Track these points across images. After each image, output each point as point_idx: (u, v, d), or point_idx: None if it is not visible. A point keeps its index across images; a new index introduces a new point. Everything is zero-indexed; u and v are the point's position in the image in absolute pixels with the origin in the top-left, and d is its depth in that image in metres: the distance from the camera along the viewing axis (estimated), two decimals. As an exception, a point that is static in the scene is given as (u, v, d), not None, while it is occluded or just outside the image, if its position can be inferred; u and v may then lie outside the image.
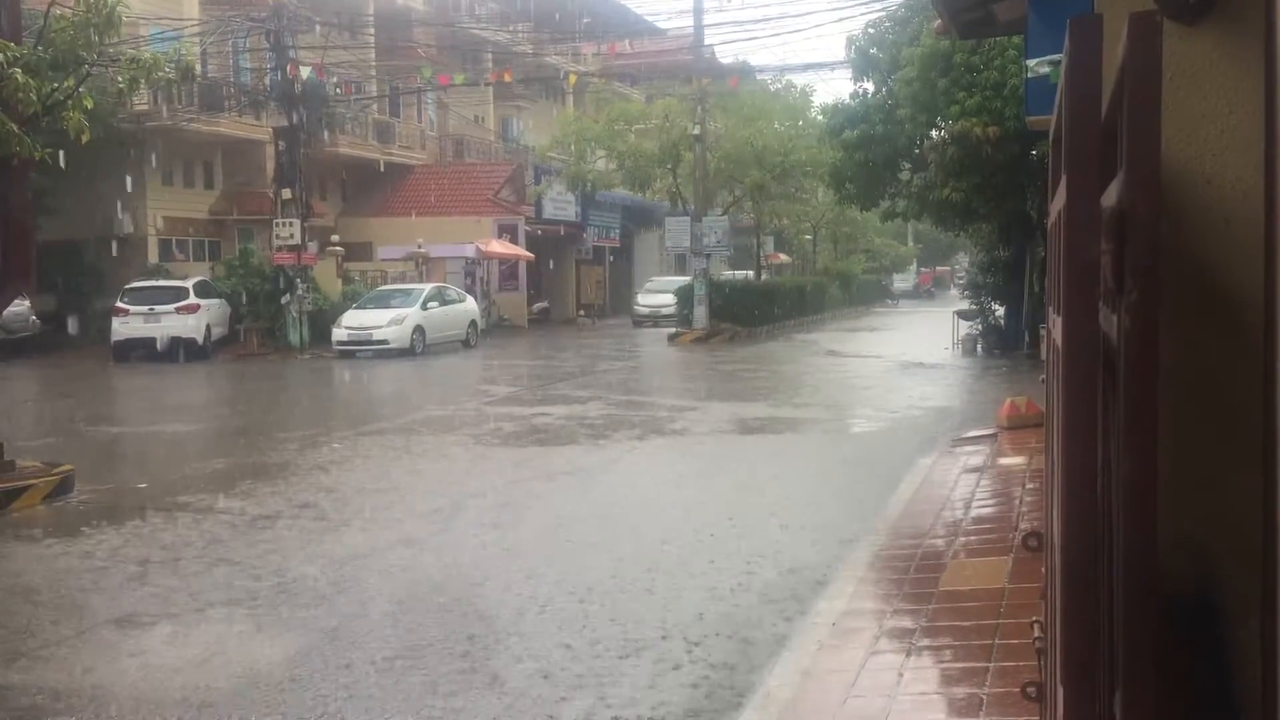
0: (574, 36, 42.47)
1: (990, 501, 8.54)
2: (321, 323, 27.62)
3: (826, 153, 27.23)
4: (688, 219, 32.49)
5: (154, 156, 29.71)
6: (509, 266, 38.20)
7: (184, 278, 27.71)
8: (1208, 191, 1.76)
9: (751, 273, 41.01)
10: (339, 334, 26.40)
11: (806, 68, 39.80)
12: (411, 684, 5.25)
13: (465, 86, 34.53)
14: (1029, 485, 8.47)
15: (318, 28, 30.10)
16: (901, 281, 70.70)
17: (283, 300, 27.58)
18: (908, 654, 5.16)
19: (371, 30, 35.41)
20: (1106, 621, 1.66)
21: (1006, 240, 23.60)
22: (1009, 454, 10.31)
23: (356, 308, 27.46)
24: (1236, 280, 1.71)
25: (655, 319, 37.11)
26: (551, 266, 41.46)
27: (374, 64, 35.41)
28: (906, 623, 5.62)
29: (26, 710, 5.05)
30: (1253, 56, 1.67)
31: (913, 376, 20.13)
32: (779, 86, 37.36)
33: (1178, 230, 1.72)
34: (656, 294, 38.86)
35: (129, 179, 28.86)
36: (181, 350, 25.43)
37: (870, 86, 23.41)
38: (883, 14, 23.78)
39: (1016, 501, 8.25)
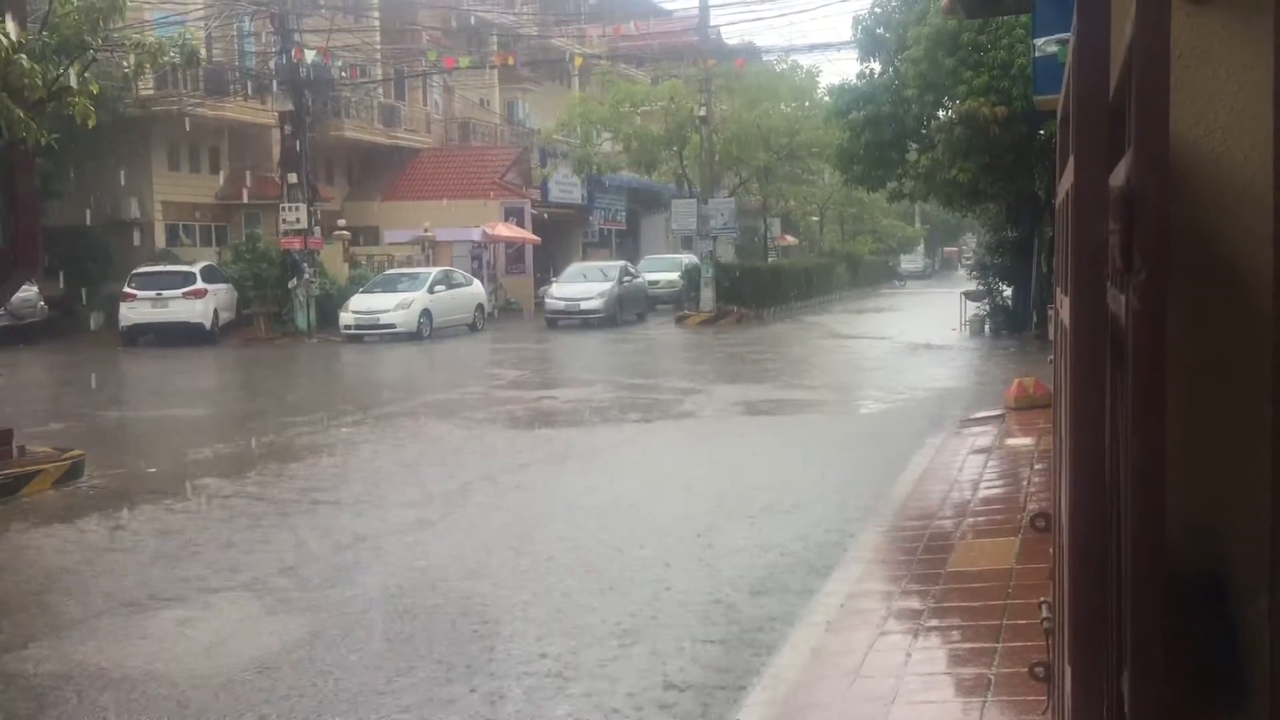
0: (579, 18, 42.33)
1: (998, 482, 8.54)
2: (329, 307, 27.64)
3: (833, 134, 27.14)
4: (694, 201, 32.44)
5: (160, 141, 29.71)
6: (515, 250, 38.17)
7: (191, 263, 27.72)
8: (1216, 170, 1.75)
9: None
10: (346, 318, 26.42)
11: (813, 48, 39.69)
12: (420, 668, 5.27)
13: (470, 69, 34.50)
14: (1037, 466, 8.46)
15: (322, 10, 30.02)
16: (909, 262, 70.46)
17: (290, 285, 27.61)
18: (916, 634, 5.17)
19: (376, 13, 35.33)
20: (1114, 602, 1.66)
21: (1014, 221, 23.52)
22: (1017, 435, 10.30)
23: (363, 292, 27.48)
24: (1246, 259, 1.70)
25: (573, 316, 28.88)
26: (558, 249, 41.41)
27: (379, 47, 35.32)
28: (915, 603, 5.63)
29: (37, 693, 5.08)
30: (1262, 33, 1.67)
31: (920, 358, 20.11)
32: (785, 67, 37.27)
33: (1186, 209, 1.71)
34: (574, 284, 30.25)
35: (135, 164, 28.85)
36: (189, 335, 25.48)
37: (877, 66, 23.30)
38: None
39: (1024, 482, 8.24)
